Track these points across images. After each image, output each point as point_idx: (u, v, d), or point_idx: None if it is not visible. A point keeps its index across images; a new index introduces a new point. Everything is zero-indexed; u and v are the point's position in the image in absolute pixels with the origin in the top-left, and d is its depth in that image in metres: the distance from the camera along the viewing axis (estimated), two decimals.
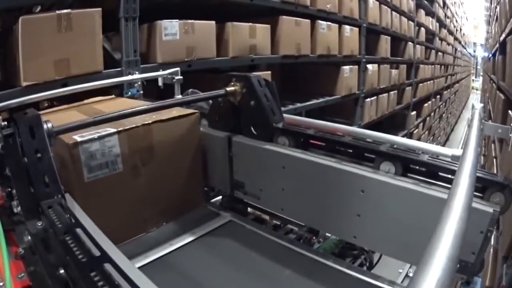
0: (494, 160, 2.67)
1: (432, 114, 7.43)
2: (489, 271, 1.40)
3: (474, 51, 19.90)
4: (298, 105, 2.80)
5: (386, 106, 4.33)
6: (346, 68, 3.31)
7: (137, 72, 1.57)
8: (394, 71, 4.61)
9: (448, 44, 9.49)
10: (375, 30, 3.93)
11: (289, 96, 2.90)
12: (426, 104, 6.68)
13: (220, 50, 2.09)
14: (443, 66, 8.55)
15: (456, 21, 11.09)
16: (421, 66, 6.21)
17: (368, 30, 3.70)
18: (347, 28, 3.24)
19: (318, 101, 3.08)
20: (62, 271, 0.48)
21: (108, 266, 0.46)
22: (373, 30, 3.85)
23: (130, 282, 0.45)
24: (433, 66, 7.25)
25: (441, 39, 8.16)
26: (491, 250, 1.48)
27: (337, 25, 3.09)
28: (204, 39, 1.95)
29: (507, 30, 2.77)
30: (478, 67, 18.85)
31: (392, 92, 4.50)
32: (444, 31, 8.59)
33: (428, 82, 6.81)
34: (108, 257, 0.48)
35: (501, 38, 3.16)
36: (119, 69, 1.59)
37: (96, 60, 1.48)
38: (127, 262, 0.49)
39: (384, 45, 4.24)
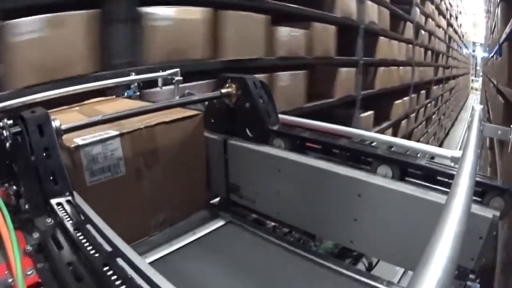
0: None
1: (413, 115, 5.48)
2: None
3: (474, 51, 19.15)
4: None
5: (285, 95, 2.35)
6: None
7: (133, 74, 1.55)
8: (290, 31, 2.40)
9: (439, 26, 7.30)
10: None
11: None
12: (398, 101, 4.54)
13: None
14: (429, 52, 6.47)
15: (451, 5, 9.00)
16: (382, 39, 3.94)
17: None
18: None
19: None
20: (72, 267, 0.48)
21: (119, 261, 0.47)
22: None
23: (143, 276, 0.45)
24: (410, 46, 5.05)
25: (426, 15, 6.00)
26: None
27: None
28: None
29: None
30: (478, 67, 18.34)
31: (300, 72, 2.49)
32: (431, 6, 6.42)
33: (401, 67, 4.64)
34: (120, 252, 0.49)
35: None
36: None
37: None
38: (138, 257, 0.50)
39: None
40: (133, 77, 1.45)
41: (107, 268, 0.46)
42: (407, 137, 5.02)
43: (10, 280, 0.50)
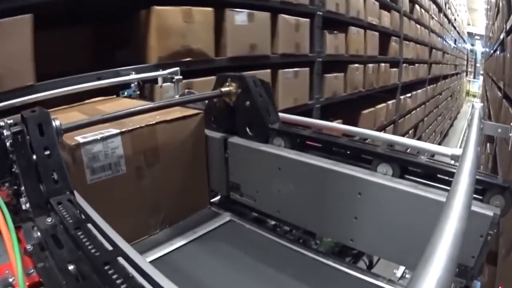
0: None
1: None
2: None
3: (473, 45, 15.99)
4: None
5: None
6: None
7: (133, 73, 1.55)
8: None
9: None
10: None
11: None
12: None
13: None
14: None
15: None
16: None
17: None
18: None
19: None
20: (72, 266, 0.48)
21: (120, 260, 0.48)
22: None
23: (144, 275, 0.45)
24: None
25: None
26: None
27: None
28: None
29: None
30: (478, 64, 15.82)
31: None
32: None
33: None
34: (121, 251, 0.49)
35: None
36: None
37: None
38: (139, 256, 0.50)
39: None
40: (133, 76, 1.45)
41: (108, 267, 0.46)
42: None
43: (11, 280, 0.50)
